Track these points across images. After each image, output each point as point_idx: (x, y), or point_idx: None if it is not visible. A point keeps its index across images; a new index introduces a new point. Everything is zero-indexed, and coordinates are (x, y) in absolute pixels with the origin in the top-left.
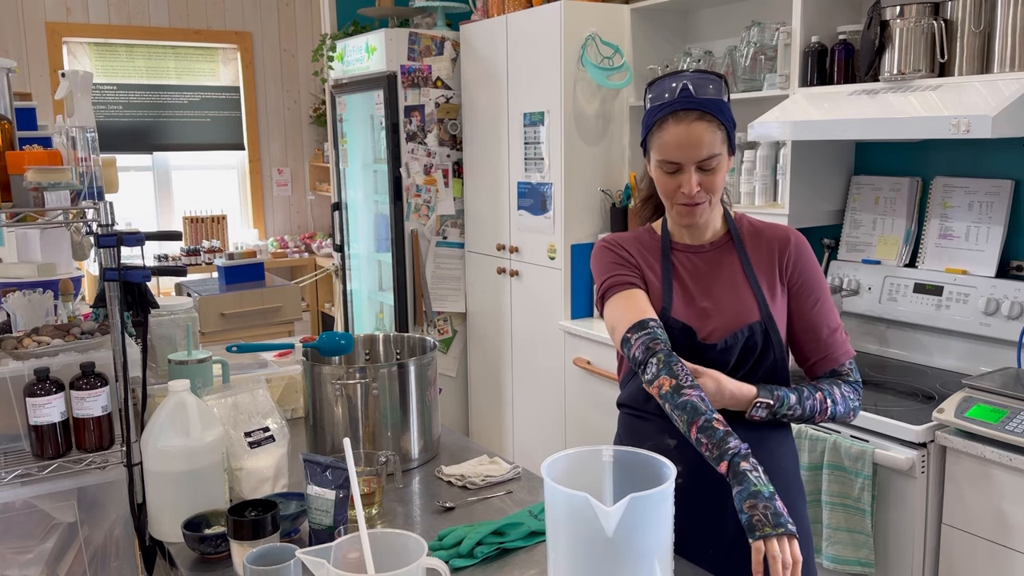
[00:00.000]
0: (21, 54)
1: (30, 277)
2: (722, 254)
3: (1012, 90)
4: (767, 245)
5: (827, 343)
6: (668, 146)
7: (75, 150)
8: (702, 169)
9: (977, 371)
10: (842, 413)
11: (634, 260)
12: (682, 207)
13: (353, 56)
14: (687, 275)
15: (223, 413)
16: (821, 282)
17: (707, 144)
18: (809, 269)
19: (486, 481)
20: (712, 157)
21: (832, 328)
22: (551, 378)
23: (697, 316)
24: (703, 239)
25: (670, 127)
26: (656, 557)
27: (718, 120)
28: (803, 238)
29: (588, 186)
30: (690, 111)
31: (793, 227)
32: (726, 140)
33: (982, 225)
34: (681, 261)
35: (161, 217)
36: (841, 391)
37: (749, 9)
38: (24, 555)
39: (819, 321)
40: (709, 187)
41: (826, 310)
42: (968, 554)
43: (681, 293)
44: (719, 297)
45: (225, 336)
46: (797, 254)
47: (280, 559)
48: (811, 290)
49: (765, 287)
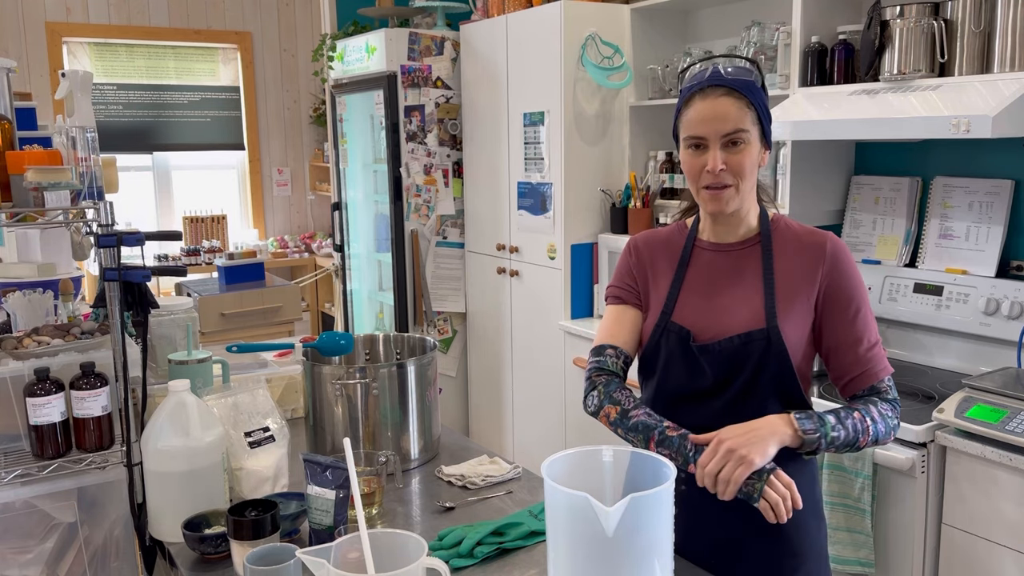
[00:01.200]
0: (21, 54)
1: (30, 277)
2: (746, 255)
3: (1012, 90)
4: (800, 252)
5: (865, 358)
6: (693, 121)
7: (75, 150)
8: (728, 148)
9: (977, 371)
10: (883, 433)
11: (643, 268)
12: (707, 192)
13: (353, 56)
14: (703, 275)
15: (223, 413)
16: (859, 294)
17: (733, 118)
18: (846, 279)
19: (486, 481)
20: (738, 132)
21: (871, 343)
22: (551, 378)
23: (700, 317)
24: (731, 237)
25: (696, 103)
26: (656, 557)
27: (747, 99)
28: (842, 245)
29: (588, 186)
30: (717, 87)
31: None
32: (757, 123)
33: (982, 225)
34: (701, 260)
35: (161, 217)
36: (879, 409)
37: (749, 9)
38: (24, 555)
39: (856, 335)
40: (736, 168)
41: (864, 323)
42: (968, 554)
43: (690, 294)
44: (727, 299)
45: (225, 336)
46: (832, 263)
47: (280, 559)
48: (848, 302)
49: (785, 295)
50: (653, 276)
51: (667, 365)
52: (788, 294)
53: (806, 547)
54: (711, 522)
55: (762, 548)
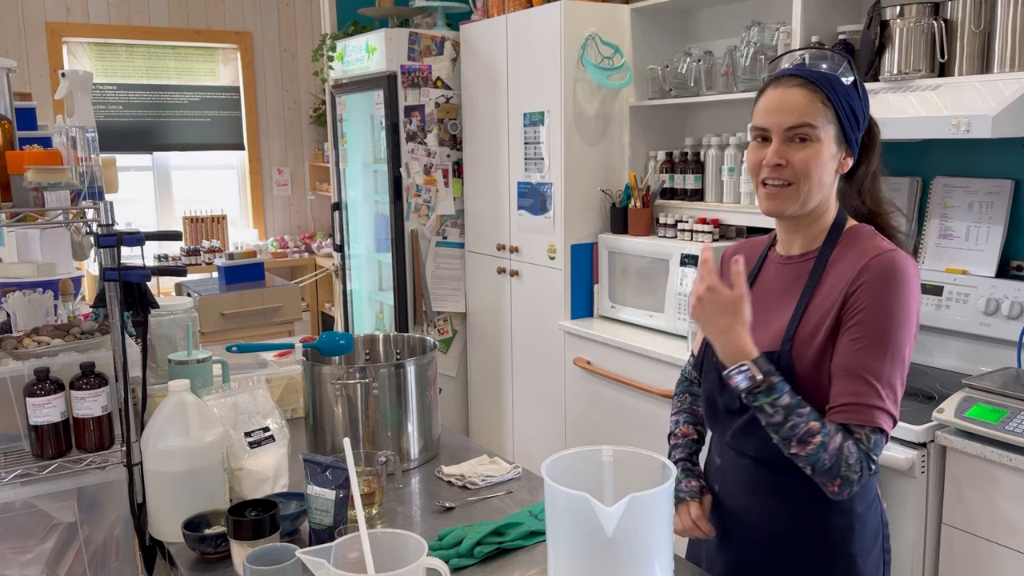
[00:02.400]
0: (21, 54)
1: (30, 277)
2: (801, 270)
3: (1012, 90)
4: (846, 268)
5: (855, 391)
6: (760, 111)
7: (75, 150)
8: (793, 142)
9: (977, 371)
10: (824, 467)
11: (726, 279)
12: (764, 188)
13: (353, 56)
14: (763, 287)
15: (223, 413)
16: (882, 323)
17: (800, 110)
18: (871, 300)
19: (486, 481)
20: (803, 127)
21: (871, 381)
22: (551, 378)
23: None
24: (795, 249)
25: (768, 92)
26: (656, 557)
27: (824, 93)
28: (887, 267)
29: (588, 186)
30: (793, 77)
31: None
32: (834, 122)
33: (982, 225)
34: (767, 272)
35: (161, 217)
36: (843, 445)
37: (749, 9)
38: (24, 555)
39: (855, 361)
40: (799, 167)
41: (873, 356)
42: (968, 554)
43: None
44: (765, 315)
45: (225, 336)
46: (861, 280)
47: (280, 559)
48: (860, 324)
49: (815, 318)
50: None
51: (707, 377)
52: (819, 317)
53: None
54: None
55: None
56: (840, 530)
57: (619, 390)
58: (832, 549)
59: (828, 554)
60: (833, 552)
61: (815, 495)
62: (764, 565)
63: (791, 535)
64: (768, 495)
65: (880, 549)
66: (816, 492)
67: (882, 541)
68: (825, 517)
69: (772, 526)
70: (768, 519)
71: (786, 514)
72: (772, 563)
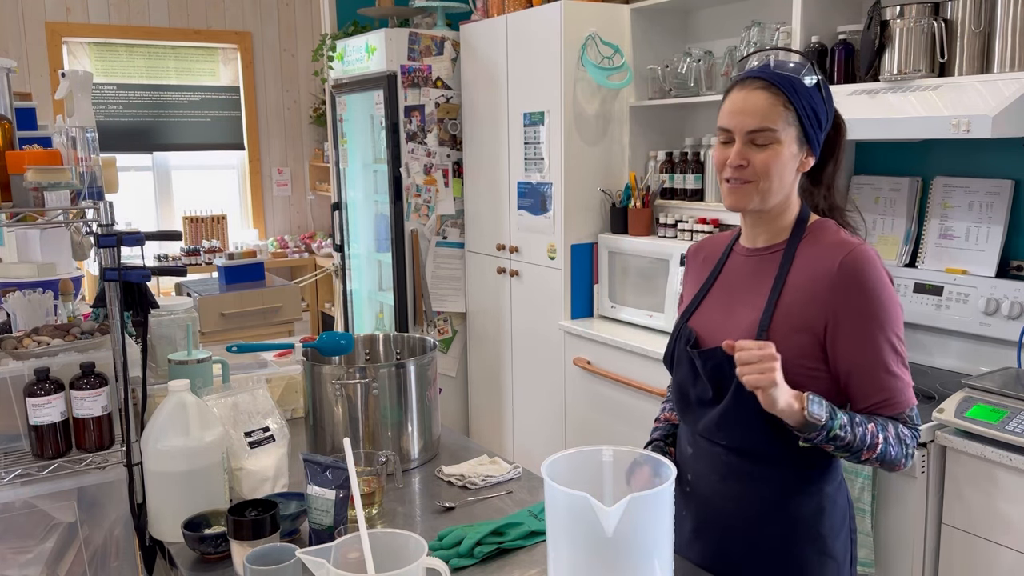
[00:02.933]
0: (21, 54)
1: (30, 277)
2: (768, 262)
3: (1012, 90)
4: (817, 264)
5: (887, 386)
6: (724, 112)
7: (75, 150)
8: (754, 143)
9: (977, 371)
10: (893, 457)
11: (690, 275)
12: (726, 185)
13: (353, 56)
14: (729, 280)
15: (223, 413)
16: (878, 314)
17: (761, 114)
18: (860, 297)
19: (486, 481)
20: (765, 131)
21: (892, 370)
22: (551, 378)
23: (711, 324)
24: (760, 242)
25: (733, 94)
26: (656, 557)
27: (786, 96)
28: (862, 260)
29: (588, 186)
30: (757, 79)
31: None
32: (795, 124)
33: (982, 225)
34: (733, 265)
35: (161, 217)
36: (898, 431)
37: (749, 9)
38: (24, 555)
39: (873, 358)
40: (760, 168)
41: (883, 347)
42: (968, 554)
43: (713, 299)
44: (736, 308)
45: (225, 336)
46: (843, 279)
47: (280, 559)
48: (860, 321)
49: (789, 310)
50: (693, 282)
51: (678, 368)
52: (792, 309)
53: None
54: (712, 544)
55: (753, 571)
56: (811, 511)
57: (619, 390)
58: (805, 530)
59: (801, 536)
60: (806, 533)
61: (787, 479)
62: (739, 552)
63: (764, 520)
64: (741, 481)
65: (848, 529)
66: (788, 476)
67: (849, 521)
68: (797, 500)
69: (746, 512)
70: (742, 505)
71: (759, 499)
72: (748, 549)
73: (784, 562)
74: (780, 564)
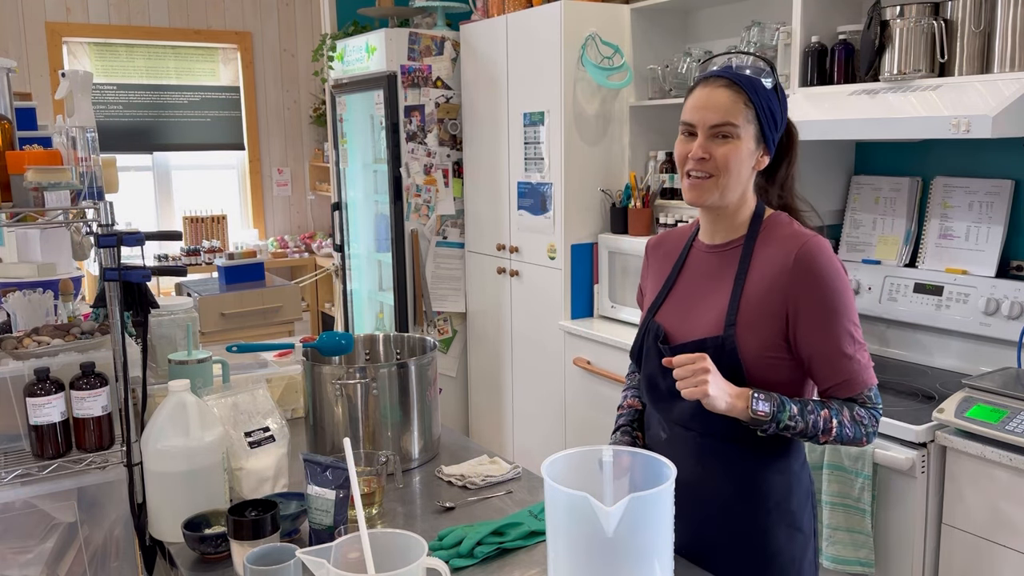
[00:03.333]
0: (21, 54)
1: (30, 277)
2: (729, 257)
3: (1012, 90)
4: (775, 256)
5: (845, 368)
6: (688, 108)
7: (75, 150)
8: (716, 138)
9: (977, 371)
10: (851, 437)
11: (650, 271)
12: (688, 179)
13: (353, 56)
14: (691, 275)
15: (223, 413)
16: (833, 300)
17: (724, 109)
18: (815, 287)
19: (486, 481)
20: (726, 125)
21: (850, 353)
22: (551, 378)
23: (677, 318)
24: (719, 238)
25: (697, 91)
26: (656, 557)
27: (747, 94)
28: (815, 250)
29: (588, 186)
30: (720, 78)
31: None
32: (754, 122)
33: (982, 225)
34: (693, 260)
35: (161, 217)
36: (854, 413)
37: (749, 9)
38: (24, 555)
39: (833, 344)
40: (720, 161)
41: (841, 331)
42: (968, 554)
43: (677, 294)
44: (703, 302)
45: (225, 336)
46: (798, 269)
47: (280, 559)
48: (818, 309)
49: (752, 302)
50: (655, 276)
51: (647, 361)
52: (756, 301)
53: (771, 553)
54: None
55: (727, 550)
56: (781, 489)
57: (619, 390)
58: (776, 507)
59: (773, 512)
60: (776, 509)
61: (759, 459)
62: (714, 533)
63: (739, 499)
64: (717, 463)
65: (811, 504)
66: (760, 456)
67: (811, 497)
68: (768, 477)
69: (720, 492)
70: (716, 486)
71: (732, 479)
72: (723, 529)
73: (759, 538)
74: (755, 541)
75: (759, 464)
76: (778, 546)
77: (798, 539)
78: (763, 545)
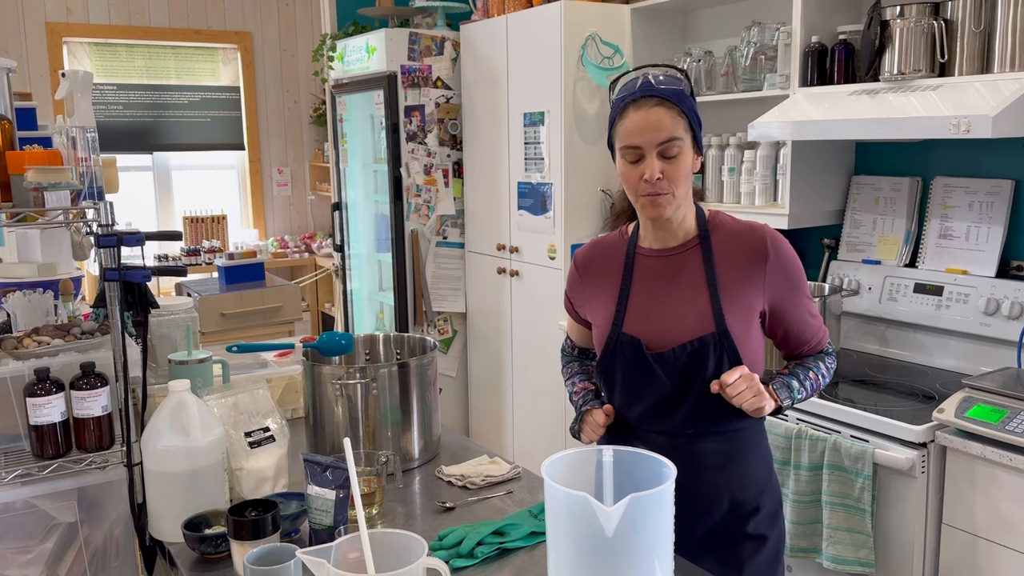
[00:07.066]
0: (21, 54)
1: (30, 277)
2: (687, 258)
3: (1012, 90)
4: (741, 248)
5: (817, 328)
6: (628, 131)
7: (75, 150)
8: (664, 156)
9: (977, 371)
10: (827, 383)
11: (584, 286)
12: (646, 199)
13: (353, 56)
14: (647, 282)
15: (223, 413)
16: (801, 276)
17: (667, 127)
18: (790, 268)
19: (486, 481)
20: (673, 141)
21: (815, 315)
22: (551, 378)
23: (650, 326)
24: (672, 241)
25: (630, 114)
26: (656, 557)
27: (679, 108)
28: (779, 237)
29: (588, 186)
30: (649, 97)
31: (771, 226)
32: (689, 130)
33: (982, 225)
34: (644, 267)
35: (161, 217)
36: (826, 364)
37: (749, 9)
38: (24, 555)
39: (809, 311)
40: (672, 176)
41: (804, 304)
42: (968, 554)
43: (637, 303)
44: (673, 305)
45: (225, 336)
46: (776, 257)
47: (280, 559)
48: (797, 287)
49: (729, 294)
50: (594, 290)
51: (626, 376)
52: (732, 292)
53: (749, 481)
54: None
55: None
56: (762, 467)
57: None
58: (758, 486)
59: (758, 491)
60: (759, 487)
61: (743, 446)
62: (714, 532)
63: (730, 488)
64: (703, 461)
65: (774, 474)
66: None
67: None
68: (750, 461)
69: (714, 489)
70: (710, 484)
71: (721, 473)
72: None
73: (751, 518)
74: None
75: (743, 451)
76: (771, 520)
77: (779, 513)
78: (759, 523)
